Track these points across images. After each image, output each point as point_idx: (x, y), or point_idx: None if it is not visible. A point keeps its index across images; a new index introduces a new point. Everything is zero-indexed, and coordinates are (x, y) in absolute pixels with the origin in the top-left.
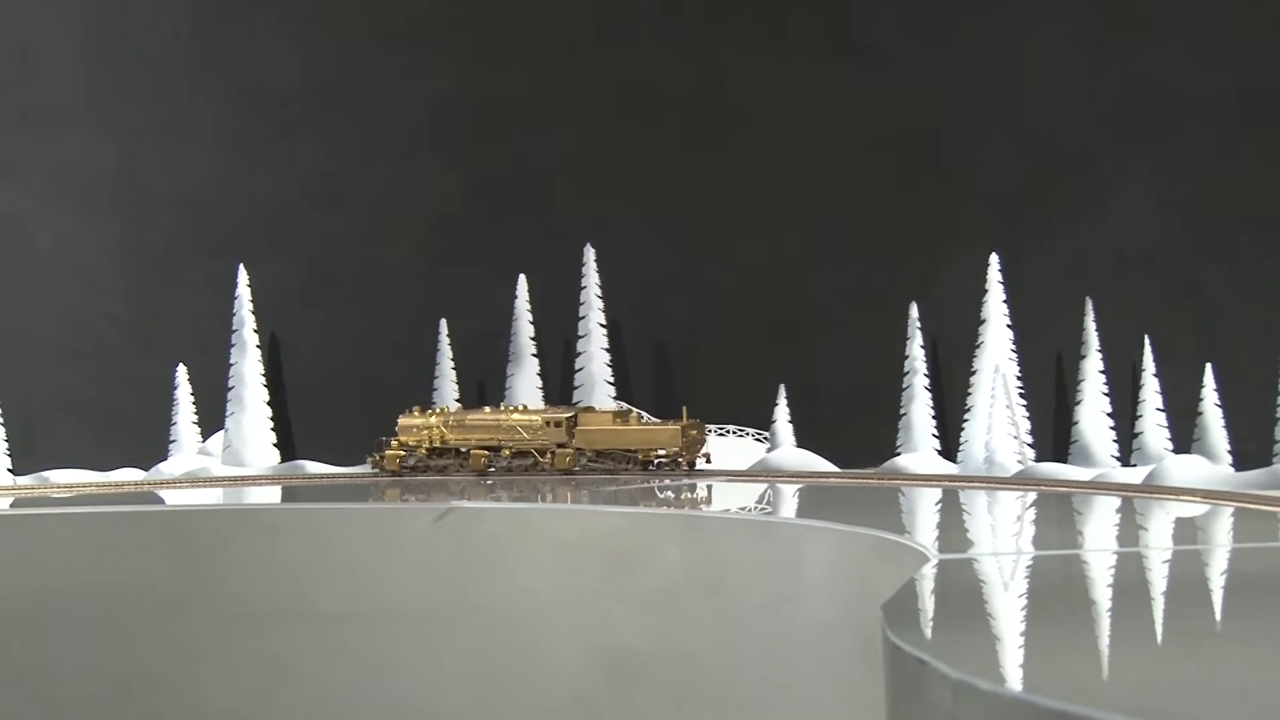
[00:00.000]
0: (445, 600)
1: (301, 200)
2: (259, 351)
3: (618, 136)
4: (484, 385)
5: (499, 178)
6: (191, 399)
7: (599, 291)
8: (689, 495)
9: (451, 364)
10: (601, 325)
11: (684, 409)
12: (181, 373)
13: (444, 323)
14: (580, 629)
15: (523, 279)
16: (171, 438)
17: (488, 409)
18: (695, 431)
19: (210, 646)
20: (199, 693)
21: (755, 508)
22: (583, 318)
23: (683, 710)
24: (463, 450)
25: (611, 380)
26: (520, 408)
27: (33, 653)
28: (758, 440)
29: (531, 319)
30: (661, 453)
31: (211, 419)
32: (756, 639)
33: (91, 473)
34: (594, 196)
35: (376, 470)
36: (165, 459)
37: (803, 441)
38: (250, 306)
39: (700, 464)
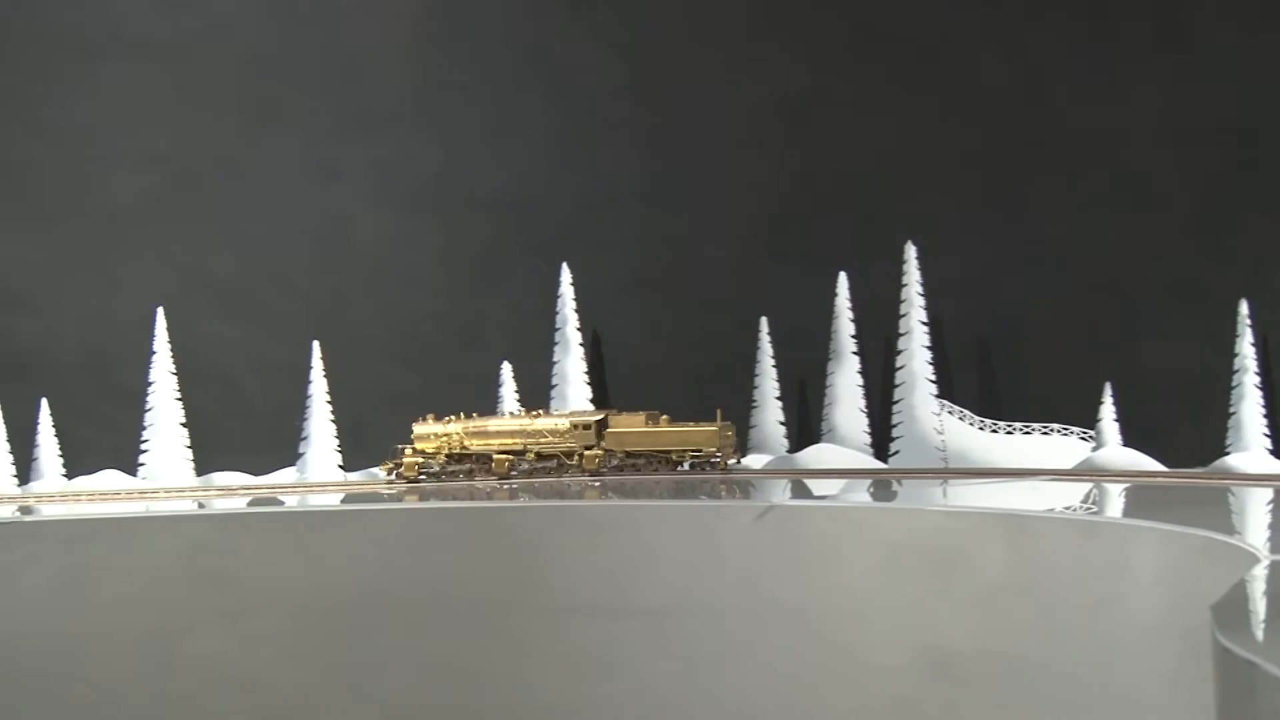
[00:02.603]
0: (765, 597)
1: (623, 198)
2: (581, 349)
3: (938, 134)
4: (804, 383)
5: (820, 175)
6: (515, 396)
7: (920, 289)
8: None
9: (772, 362)
10: (923, 323)
11: (719, 411)
12: (506, 370)
13: (764, 320)
14: (901, 628)
15: (843, 276)
16: None
17: (509, 414)
18: (730, 433)
19: (533, 640)
20: (522, 686)
21: (1080, 507)
22: (904, 315)
23: (1006, 711)
24: (482, 456)
25: (933, 378)
26: (542, 412)
27: (361, 646)
28: (1082, 439)
29: (852, 317)
30: (696, 453)
31: None
32: (1081, 640)
33: None
34: (914, 194)
35: (392, 478)
36: None
37: (1129, 440)
38: (573, 304)
39: (731, 463)
